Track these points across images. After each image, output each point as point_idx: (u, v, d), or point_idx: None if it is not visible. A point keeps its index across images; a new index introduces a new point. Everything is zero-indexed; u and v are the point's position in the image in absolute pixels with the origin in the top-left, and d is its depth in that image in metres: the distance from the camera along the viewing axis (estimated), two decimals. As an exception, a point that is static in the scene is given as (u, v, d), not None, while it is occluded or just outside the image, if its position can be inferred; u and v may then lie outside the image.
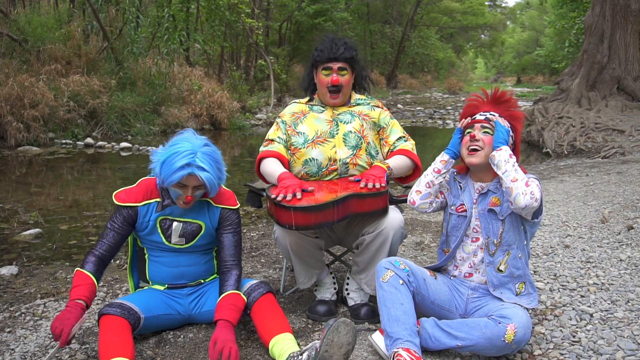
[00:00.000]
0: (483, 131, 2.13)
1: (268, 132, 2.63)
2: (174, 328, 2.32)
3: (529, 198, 1.94)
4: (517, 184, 1.96)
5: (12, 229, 4.39)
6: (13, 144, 8.47)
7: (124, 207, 2.20)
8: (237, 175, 7.01)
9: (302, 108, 2.64)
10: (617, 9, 11.07)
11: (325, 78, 2.52)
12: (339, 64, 2.50)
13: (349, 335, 1.84)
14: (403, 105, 20.33)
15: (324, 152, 2.46)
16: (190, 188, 2.11)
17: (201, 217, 2.27)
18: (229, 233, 2.30)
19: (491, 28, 39.67)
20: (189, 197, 2.11)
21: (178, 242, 2.25)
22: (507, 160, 2.02)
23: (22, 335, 2.33)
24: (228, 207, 2.31)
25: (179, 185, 2.10)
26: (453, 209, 2.22)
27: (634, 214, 3.97)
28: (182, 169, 2.04)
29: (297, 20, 21.04)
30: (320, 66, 2.53)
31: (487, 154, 2.10)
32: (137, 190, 2.23)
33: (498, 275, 2.09)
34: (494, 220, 2.09)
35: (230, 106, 12.61)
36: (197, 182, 2.09)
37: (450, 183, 2.27)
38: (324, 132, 2.51)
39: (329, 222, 2.21)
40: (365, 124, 2.55)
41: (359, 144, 2.48)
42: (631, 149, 8.56)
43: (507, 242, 2.07)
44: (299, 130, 2.54)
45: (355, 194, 2.25)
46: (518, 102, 2.24)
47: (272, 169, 2.44)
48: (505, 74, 55.64)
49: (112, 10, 11.88)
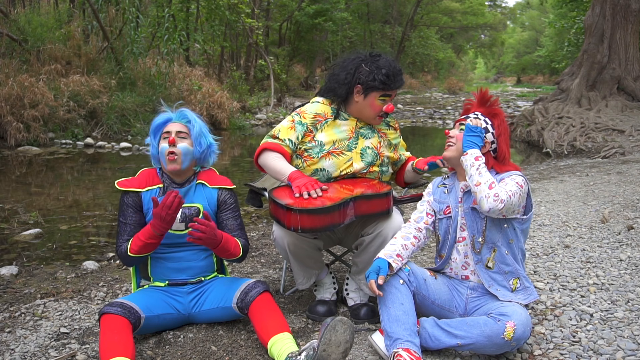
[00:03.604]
0: (460, 128, 2.18)
1: (278, 126, 2.51)
2: (174, 328, 2.32)
3: (492, 201, 1.94)
4: (480, 188, 1.98)
5: (12, 229, 4.39)
6: (13, 144, 8.46)
7: (128, 193, 2.26)
8: (237, 175, 7.01)
9: (326, 110, 2.52)
10: (617, 9, 11.06)
11: (380, 104, 2.44)
12: (396, 91, 2.48)
13: (347, 334, 1.83)
14: (403, 105, 20.32)
15: (337, 164, 2.43)
16: (173, 133, 2.26)
17: (199, 199, 2.31)
18: (229, 217, 2.34)
19: (491, 28, 39.68)
20: (171, 138, 2.23)
21: (178, 228, 2.27)
22: (472, 164, 2.04)
23: (22, 335, 2.32)
24: (224, 187, 2.35)
25: (163, 137, 2.26)
26: (441, 213, 2.22)
27: (634, 214, 3.97)
28: (164, 117, 2.31)
29: (297, 20, 21.02)
30: (379, 92, 2.41)
31: (459, 148, 2.14)
32: (139, 178, 2.32)
33: (489, 272, 2.10)
34: (477, 218, 2.10)
35: (230, 106, 12.61)
36: (178, 126, 2.28)
37: (434, 191, 2.29)
38: (342, 144, 2.45)
39: (336, 225, 2.20)
40: (382, 142, 2.55)
41: (374, 161, 2.49)
42: (631, 149, 8.56)
43: (491, 239, 2.08)
44: (317, 138, 2.46)
45: (361, 195, 2.25)
46: (499, 100, 2.27)
47: (279, 164, 2.38)
48: (505, 74, 55.62)
49: (112, 10, 11.87)
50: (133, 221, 2.25)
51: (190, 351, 2.16)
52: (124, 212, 2.26)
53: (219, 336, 2.28)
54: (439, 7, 33.83)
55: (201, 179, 2.34)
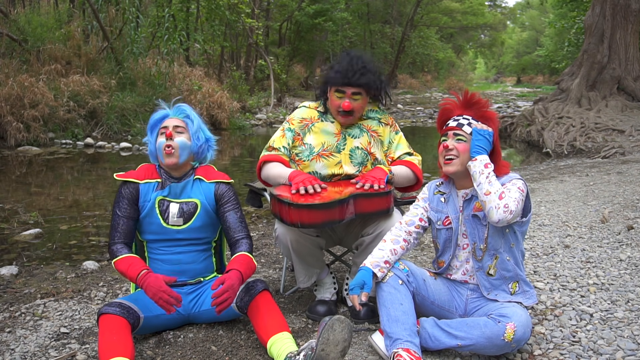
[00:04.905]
0: (457, 139, 2.08)
1: (272, 137, 2.55)
2: (173, 328, 2.32)
3: (502, 212, 1.91)
4: (490, 198, 1.93)
5: (12, 229, 4.39)
6: (13, 144, 8.47)
7: (126, 185, 2.26)
8: (237, 175, 7.01)
9: (312, 114, 2.55)
10: (617, 9, 11.06)
11: (337, 101, 2.42)
12: (353, 89, 2.39)
13: (345, 332, 1.83)
14: (403, 105, 20.33)
15: (328, 166, 2.44)
16: (170, 127, 2.27)
17: (196, 194, 2.31)
18: (230, 210, 2.32)
19: (491, 28, 39.65)
20: (168, 132, 2.24)
21: (176, 223, 2.26)
22: (482, 171, 1.98)
23: (22, 335, 2.32)
24: (221, 181, 2.35)
25: (160, 132, 2.27)
26: (440, 224, 2.18)
27: (634, 214, 3.97)
28: (162, 113, 2.34)
29: (297, 20, 21.03)
30: (333, 87, 2.42)
31: (462, 161, 2.06)
32: (138, 171, 2.34)
33: (489, 279, 2.08)
34: (479, 225, 2.07)
35: (230, 106, 12.62)
36: (175, 121, 2.29)
37: (430, 197, 2.24)
38: (331, 146, 2.46)
39: (336, 221, 2.21)
40: (373, 141, 2.51)
41: (364, 161, 2.46)
42: (631, 149, 8.56)
43: (493, 246, 2.05)
44: (305, 141, 2.48)
45: (361, 193, 2.24)
46: (489, 102, 2.20)
47: (278, 170, 2.41)
48: (505, 74, 55.64)
49: (112, 10, 11.87)
50: (127, 214, 2.24)
51: (190, 351, 2.16)
52: (119, 203, 2.25)
53: (219, 336, 2.28)
54: (439, 7, 33.80)
55: (199, 174, 2.35)
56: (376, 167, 2.42)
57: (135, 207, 2.26)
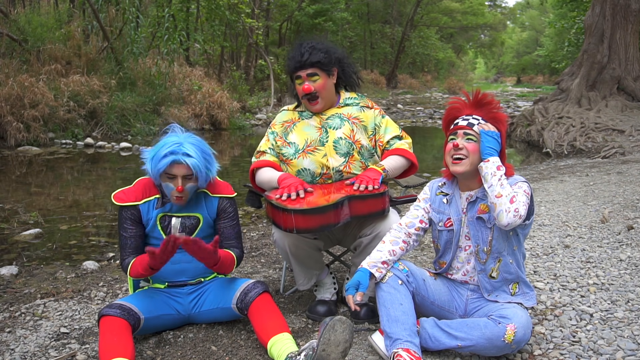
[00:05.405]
0: (466, 138, 2.05)
1: (259, 144, 2.59)
2: (174, 328, 2.32)
3: (512, 216, 1.89)
4: (501, 200, 1.92)
5: (12, 229, 4.39)
6: (13, 144, 8.47)
7: (126, 208, 2.22)
8: (237, 175, 7.01)
9: (292, 116, 2.58)
10: (617, 9, 11.07)
11: (299, 87, 2.46)
12: (308, 70, 2.42)
13: (346, 333, 1.83)
14: (403, 105, 20.33)
15: (315, 161, 2.43)
16: (179, 178, 2.14)
17: (198, 209, 2.29)
18: (227, 225, 2.33)
19: (491, 28, 39.68)
20: (179, 187, 2.14)
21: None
22: (494, 173, 1.96)
23: (22, 335, 2.32)
24: (225, 196, 2.34)
25: (168, 177, 2.14)
26: (441, 225, 2.16)
27: (634, 214, 3.97)
28: (167, 156, 2.11)
29: (297, 20, 21.06)
30: (293, 75, 2.47)
31: (472, 162, 2.04)
32: (135, 189, 2.26)
33: (491, 281, 2.08)
34: (483, 228, 2.05)
35: (230, 106, 12.61)
36: (185, 170, 2.13)
37: (432, 198, 2.22)
38: (314, 140, 2.46)
39: (331, 225, 2.19)
40: (355, 128, 2.48)
41: (350, 151, 2.44)
42: (631, 149, 8.56)
43: (497, 249, 2.04)
44: (289, 141, 2.50)
45: (356, 195, 2.23)
46: (500, 103, 2.16)
47: (269, 175, 2.43)
48: (505, 74, 55.67)
49: (112, 10, 11.87)
50: (133, 233, 2.24)
51: (190, 351, 2.16)
52: (123, 225, 2.24)
53: (219, 336, 2.28)
54: (439, 7, 33.83)
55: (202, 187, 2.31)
56: (370, 168, 2.41)
57: (139, 225, 2.26)
